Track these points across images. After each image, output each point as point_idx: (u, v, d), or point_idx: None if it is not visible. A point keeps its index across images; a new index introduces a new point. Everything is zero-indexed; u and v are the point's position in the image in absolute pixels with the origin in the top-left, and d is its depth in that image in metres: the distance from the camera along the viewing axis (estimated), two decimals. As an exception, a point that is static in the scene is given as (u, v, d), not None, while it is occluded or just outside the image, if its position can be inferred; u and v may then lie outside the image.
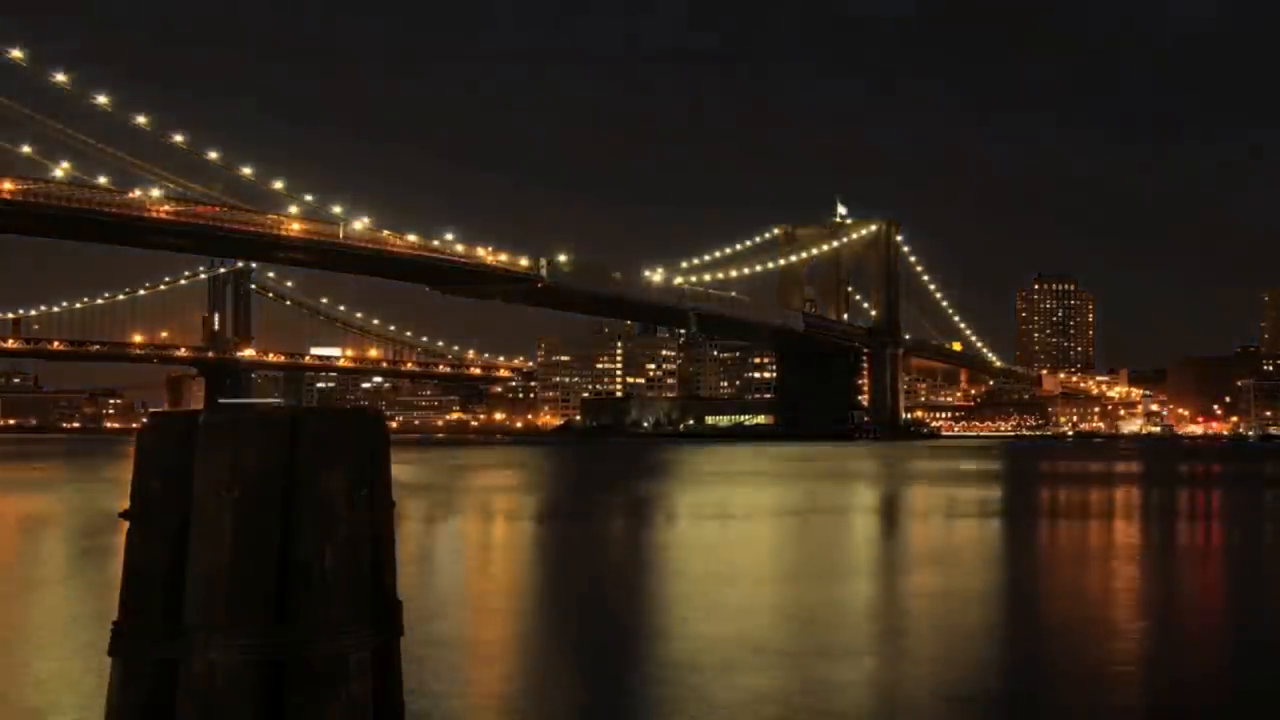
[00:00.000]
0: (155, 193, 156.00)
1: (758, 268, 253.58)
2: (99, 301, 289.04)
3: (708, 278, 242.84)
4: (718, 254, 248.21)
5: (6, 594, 19.95)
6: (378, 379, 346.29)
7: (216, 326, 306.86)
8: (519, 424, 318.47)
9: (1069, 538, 31.31)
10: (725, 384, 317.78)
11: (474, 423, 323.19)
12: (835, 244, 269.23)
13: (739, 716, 11.95)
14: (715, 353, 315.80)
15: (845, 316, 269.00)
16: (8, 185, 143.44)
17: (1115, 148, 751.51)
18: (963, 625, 17.49)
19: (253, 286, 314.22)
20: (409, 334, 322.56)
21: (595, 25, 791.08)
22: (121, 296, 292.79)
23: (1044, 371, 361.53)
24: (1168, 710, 12.76)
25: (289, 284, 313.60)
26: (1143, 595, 21.05)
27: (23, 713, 11.93)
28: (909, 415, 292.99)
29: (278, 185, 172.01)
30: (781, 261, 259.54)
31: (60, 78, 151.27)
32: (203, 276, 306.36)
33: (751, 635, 16.13)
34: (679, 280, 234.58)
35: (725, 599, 19.66)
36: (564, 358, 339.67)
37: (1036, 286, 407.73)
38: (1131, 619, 18.49)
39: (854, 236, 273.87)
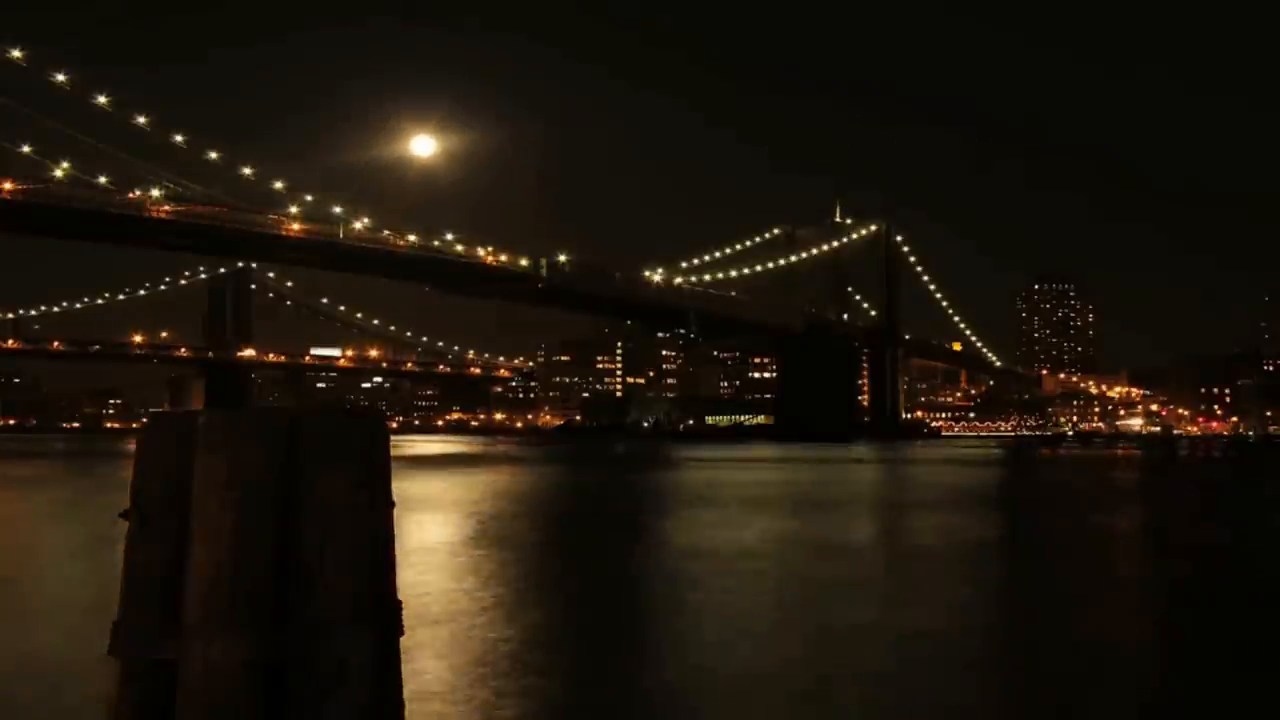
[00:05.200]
0: (155, 193, 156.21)
1: (758, 268, 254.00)
2: (99, 301, 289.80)
3: (708, 278, 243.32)
4: (718, 254, 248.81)
5: (5, 593, 19.95)
6: (378, 379, 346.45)
7: (216, 327, 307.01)
8: (519, 424, 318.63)
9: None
10: (725, 384, 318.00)
11: (474, 423, 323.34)
12: (835, 244, 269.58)
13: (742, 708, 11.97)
14: (715, 353, 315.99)
15: (845, 316, 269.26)
16: (8, 185, 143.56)
17: (1115, 147, 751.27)
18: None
19: (253, 286, 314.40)
20: (409, 334, 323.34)
21: (600, 26, 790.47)
22: (121, 296, 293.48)
23: (1044, 371, 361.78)
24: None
25: (289, 284, 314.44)
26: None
27: (21, 713, 11.93)
28: (909, 415, 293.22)
29: (278, 185, 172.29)
30: (781, 261, 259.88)
31: (60, 78, 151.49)
32: (203, 276, 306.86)
33: (752, 635, 16.17)
34: (679, 280, 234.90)
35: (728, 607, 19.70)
36: (564, 358, 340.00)
37: (1036, 287, 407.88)
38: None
39: (854, 237, 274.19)
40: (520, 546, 28.26)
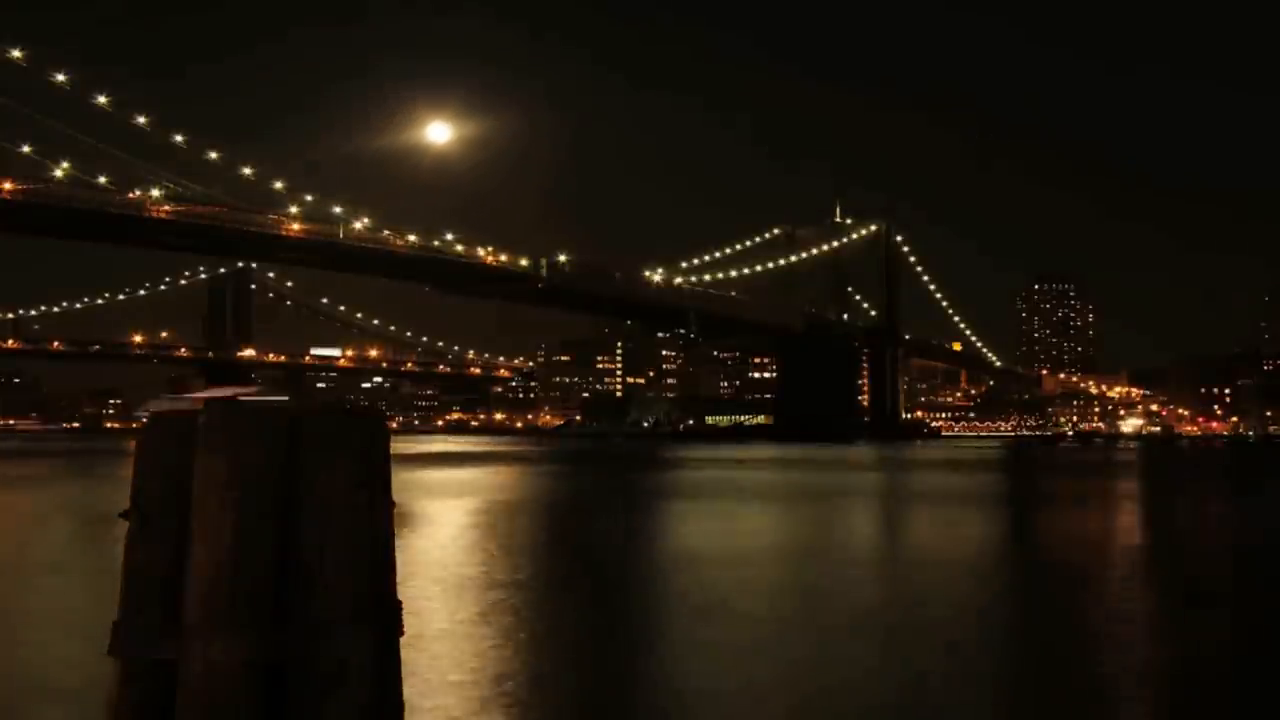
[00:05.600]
0: (155, 193, 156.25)
1: (758, 268, 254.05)
2: (99, 301, 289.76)
3: (708, 278, 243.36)
4: (718, 254, 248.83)
5: (5, 593, 19.95)
6: (378, 379, 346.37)
7: (216, 327, 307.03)
8: (519, 424, 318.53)
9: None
10: (725, 384, 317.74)
11: (474, 423, 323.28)
12: (835, 244, 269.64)
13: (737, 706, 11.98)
14: (715, 353, 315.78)
15: (845, 316, 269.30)
16: (8, 185, 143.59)
17: (1115, 146, 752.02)
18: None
19: (253, 286, 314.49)
20: (409, 334, 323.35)
21: (599, 25, 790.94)
22: (121, 296, 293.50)
23: (1044, 371, 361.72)
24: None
25: (289, 284, 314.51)
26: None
27: (21, 713, 11.93)
28: (909, 415, 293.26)
29: (278, 185, 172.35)
30: (781, 261, 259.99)
31: (60, 78, 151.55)
32: (203, 276, 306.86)
33: (752, 632, 16.18)
34: (679, 280, 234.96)
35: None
36: (564, 358, 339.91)
37: (1036, 286, 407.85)
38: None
39: (854, 237, 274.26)
40: (527, 546, 28.27)
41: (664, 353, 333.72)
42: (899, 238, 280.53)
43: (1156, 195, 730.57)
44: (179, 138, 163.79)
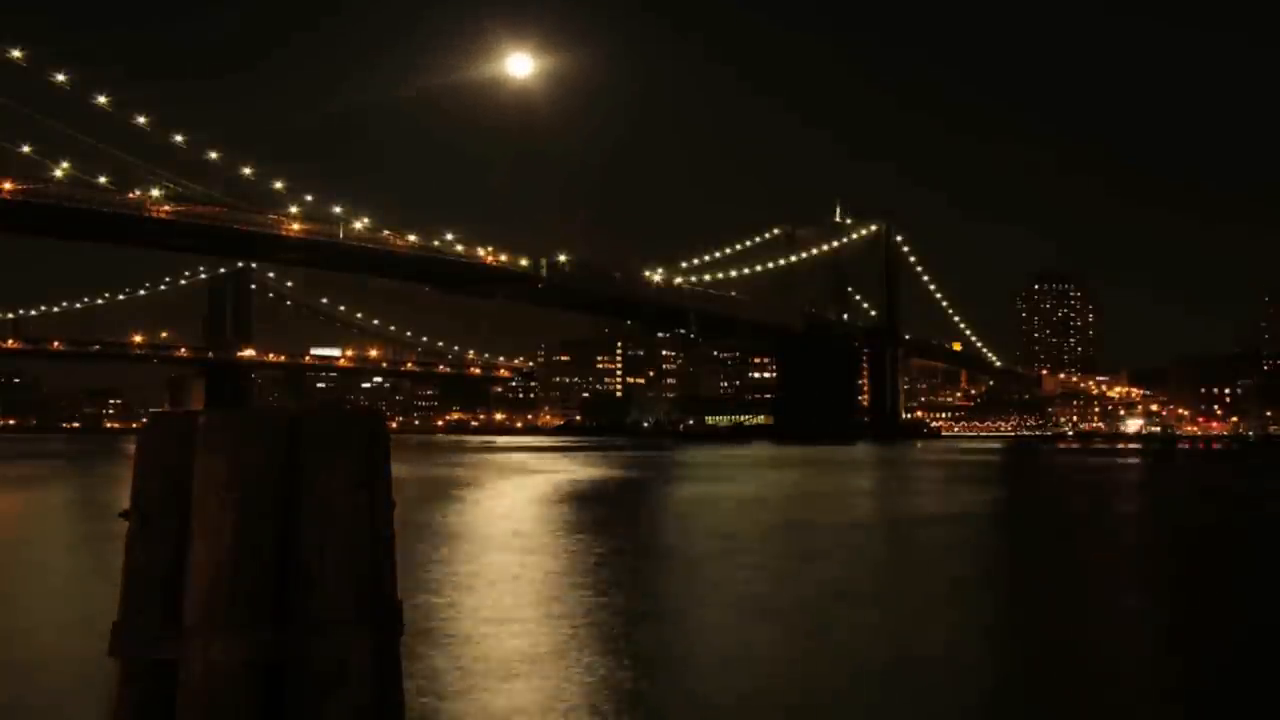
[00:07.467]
0: (155, 192, 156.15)
1: (758, 268, 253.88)
2: (99, 301, 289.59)
3: (708, 278, 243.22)
4: (718, 254, 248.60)
5: (5, 593, 19.94)
6: (378, 379, 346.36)
7: (216, 327, 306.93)
8: (519, 424, 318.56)
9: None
10: (725, 384, 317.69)
11: (474, 423, 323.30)
12: (835, 244, 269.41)
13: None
14: (715, 353, 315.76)
15: (845, 316, 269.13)
16: (8, 185, 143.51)
17: (1115, 148, 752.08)
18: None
19: (253, 286, 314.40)
20: (409, 334, 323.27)
21: (598, 25, 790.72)
22: (121, 296, 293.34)
23: (1044, 371, 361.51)
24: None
25: (289, 284, 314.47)
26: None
27: (22, 713, 11.92)
28: (909, 415, 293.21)
29: (278, 185, 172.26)
30: (781, 261, 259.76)
31: (60, 78, 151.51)
32: (203, 276, 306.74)
33: (754, 640, 16.19)
34: (679, 280, 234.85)
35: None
36: (564, 358, 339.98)
37: (1036, 286, 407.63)
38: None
39: (854, 237, 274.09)
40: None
41: (664, 353, 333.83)
42: (899, 237, 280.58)
43: (1157, 194, 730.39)
44: (179, 138, 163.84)
